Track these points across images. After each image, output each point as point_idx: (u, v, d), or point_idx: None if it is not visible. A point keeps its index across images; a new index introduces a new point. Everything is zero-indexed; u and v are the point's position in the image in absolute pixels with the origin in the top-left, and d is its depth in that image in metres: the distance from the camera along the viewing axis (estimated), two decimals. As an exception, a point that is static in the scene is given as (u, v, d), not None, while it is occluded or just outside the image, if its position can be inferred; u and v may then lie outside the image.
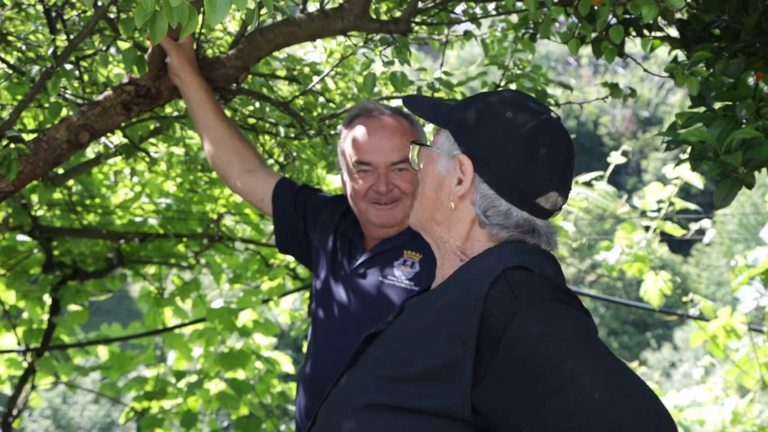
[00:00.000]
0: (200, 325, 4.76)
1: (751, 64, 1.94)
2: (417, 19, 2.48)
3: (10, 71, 2.40)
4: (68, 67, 2.50)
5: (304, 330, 4.87)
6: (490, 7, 2.49)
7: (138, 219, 4.13)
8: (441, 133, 1.54)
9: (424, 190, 1.54)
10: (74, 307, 4.59)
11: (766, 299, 4.41)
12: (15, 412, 4.54)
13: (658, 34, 2.22)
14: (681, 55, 2.20)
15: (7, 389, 4.91)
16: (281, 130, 2.83)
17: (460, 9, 2.57)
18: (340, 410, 1.43)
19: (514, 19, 2.63)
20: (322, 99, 2.86)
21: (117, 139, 2.84)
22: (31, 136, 2.31)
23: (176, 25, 1.31)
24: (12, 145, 2.11)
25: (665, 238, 5.04)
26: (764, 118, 1.81)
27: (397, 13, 2.62)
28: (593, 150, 31.06)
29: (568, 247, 5.32)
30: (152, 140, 3.27)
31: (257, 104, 2.88)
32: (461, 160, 1.47)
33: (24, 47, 2.71)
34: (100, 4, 2.00)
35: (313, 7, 2.38)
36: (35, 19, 2.78)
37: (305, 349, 2.50)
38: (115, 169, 4.05)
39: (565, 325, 1.33)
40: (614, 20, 2.12)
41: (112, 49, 2.80)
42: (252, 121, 3.00)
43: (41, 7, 2.53)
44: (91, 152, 3.48)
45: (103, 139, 2.78)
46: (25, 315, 4.61)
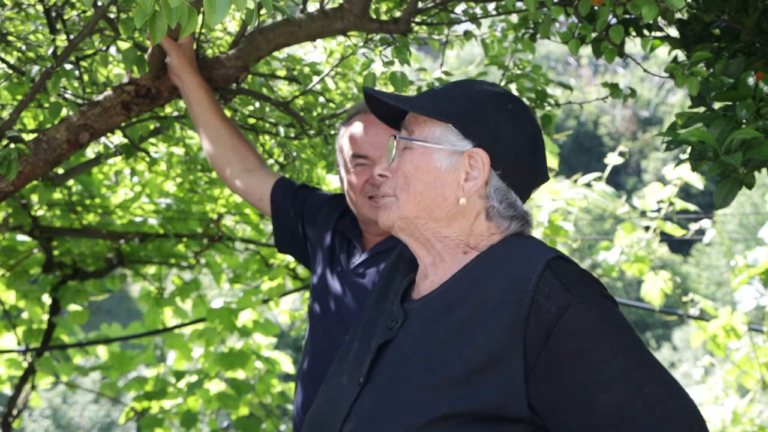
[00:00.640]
0: (200, 325, 4.76)
1: (751, 64, 1.94)
2: (417, 19, 2.48)
3: (10, 71, 2.40)
4: (68, 67, 2.50)
5: (304, 330, 4.87)
6: (490, 7, 2.49)
7: (138, 219, 4.13)
8: (431, 126, 1.48)
9: (416, 187, 1.47)
10: (74, 307, 4.59)
11: (766, 299, 4.41)
12: (15, 412, 4.54)
13: (658, 34, 2.22)
14: (681, 55, 2.20)
15: (7, 389, 4.91)
16: (281, 130, 2.83)
17: (460, 9, 2.57)
18: (391, 431, 1.36)
19: (514, 19, 2.63)
20: (322, 99, 2.86)
21: (117, 139, 2.84)
22: (31, 136, 2.31)
23: (176, 25, 1.31)
24: (12, 145, 2.11)
25: (665, 238, 5.04)
26: (764, 118, 1.81)
27: (397, 13, 2.62)
28: (593, 150, 31.05)
29: (568, 247, 5.31)
30: (152, 140, 3.27)
31: (257, 104, 2.88)
32: (475, 155, 1.44)
33: (24, 47, 2.71)
34: (100, 4, 2.00)
35: (313, 7, 2.38)
36: (35, 19, 2.78)
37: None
38: (115, 169, 4.05)
39: (615, 321, 1.35)
40: (614, 20, 2.13)
41: (112, 49, 2.80)
42: (252, 121, 3.00)
43: (41, 7, 2.53)
44: (91, 152, 3.48)
45: (103, 139, 2.78)
46: (25, 315, 4.61)
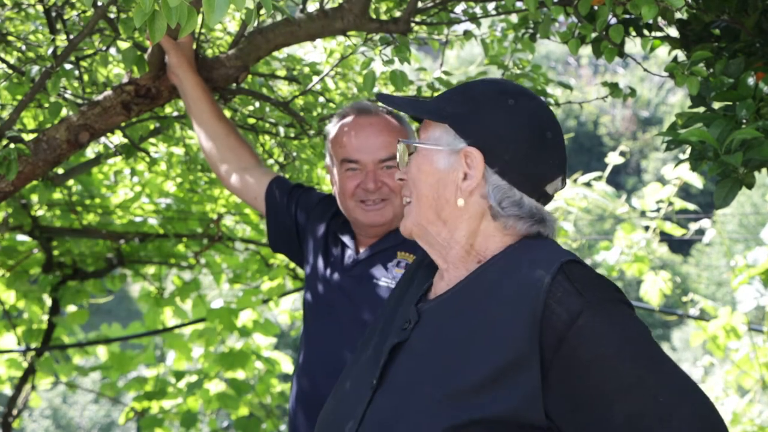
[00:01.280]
0: (200, 325, 4.76)
1: (751, 64, 1.94)
2: (417, 19, 2.48)
3: (10, 71, 2.40)
4: (68, 67, 2.50)
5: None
6: (490, 7, 2.49)
7: (138, 219, 4.13)
8: (432, 128, 1.47)
9: (421, 190, 1.46)
10: (74, 307, 4.59)
11: (766, 299, 4.41)
12: (15, 412, 4.54)
13: (658, 34, 2.22)
14: (681, 55, 2.20)
15: (7, 389, 4.91)
16: (281, 130, 2.83)
17: (460, 9, 2.57)
18: None
19: (514, 19, 2.63)
20: (322, 99, 2.86)
21: (117, 139, 2.84)
22: (31, 136, 2.31)
23: (175, 24, 1.31)
24: (12, 145, 2.11)
25: (665, 238, 5.04)
26: (764, 118, 1.80)
27: (397, 13, 2.62)
28: (593, 150, 31.05)
29: (568, 247, 5.31)
30: (152, 140, 3.26)
31: (257, 104, 2.88)
32: (468, 153, 1.41)
33: (24, 47, 2.71)
34: (100, 4, 2.00)
35: (312, 7, 2.38)
36: (35, 19, 2.78)
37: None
38: (115, 169, 4.05)
39: (629, 327, 1.32)
40: (614, 20, 2.12)
41: (112, 49, 2.79)
42: (252, 121, 3.00)
43: (41, 7, 2.53)
44: (91, 152, 3.48)
45: (103, 139, 2.78)
46: (25, 315, 4.61)
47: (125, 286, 5.29)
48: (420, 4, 2.39)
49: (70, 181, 3.77)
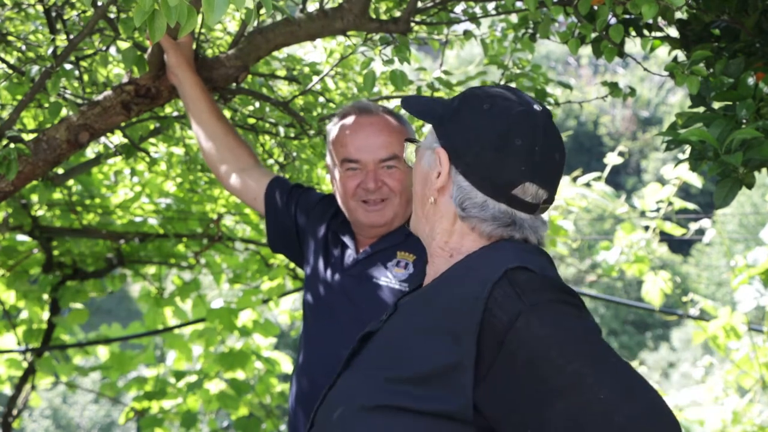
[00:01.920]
0: (200, 325, 4.76)
1: (751, 64, 1.94)
2: (417, 19, 2.48)
3: (10, 71, 2.40)
4: (68, 67, 2.50)
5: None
6: (490, 6, 2.49)
7: (138, 219, 4.13)
8: (430, 129, 1.54)
9: (414, 188, 1.55)
10: (74, 307, 4.59)
11: (766, 299, 4.41)
12: (15, 412, 4.55)
13: (658, 34, 2.22)
14: (681, 55, 2.20)
15: (7, 389, 4.92)
16: (281, 130, 2.83)
17: (459, 9, 2.57)
18: (340, 413, 1.42)
19: (514, 18, 2.63)
20: (321, 99, 2.86)
21: (117, 139, 2.84)
22: (31, 136, 2.31)
23: (175, 24, 1.31)
24: (12, 145, 2.11)
25: (665, 238, 5.04)
26: (764, 118, 1.81)
27: (397, 13, 2.62)
28: (593, 150, 31.05)
29: (568, 247, 5.32)
30: (152, 140, 3.26)
31: (257, 104, 2.87)
32: (438, 153, 1.47)
33: (24, 47, 2.71)
34: (99, 4, 2.00)
35: (312, 7, 2.38)
36: (35, 19, 2.78)
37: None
38: (115, 169, 4.05)
39: (569, 326, 1.32)
40: (614, 20, 2.12)
41: (112, 49, 2.79)
42: (252, 121, 3.00)
43: (41, 7, 2.52)
44: (91, 152, 3.48)
45: (103, 139, 2.78)
46: (25, 315, 4.61)
47: (125, 286, 5.30)
48: (420, 4, 2.39)
49: (70, 181, 3.77)
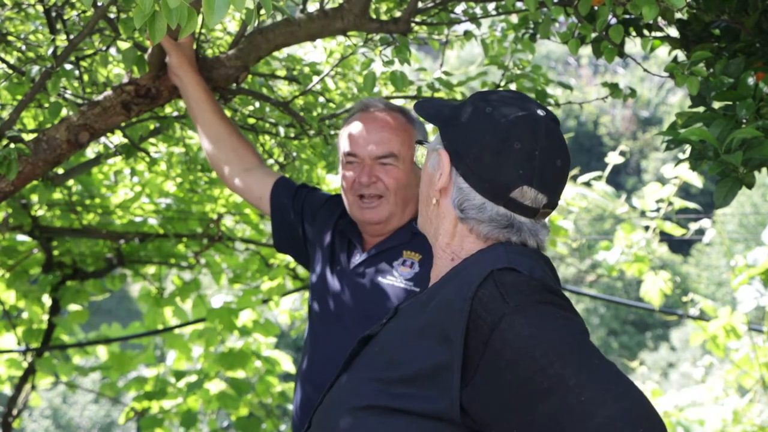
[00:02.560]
0: (200, 325, 4.76)
1: (751, 64, 1.94)
2: (417, 19, 2.48)
3: (10, 71, 2.40)
4: (68, 67, 2.50)
5: (304, 330, 4.86)
6: (490, 7, 2.49)
7: (138, 219, 4.13)
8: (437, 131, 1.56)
9: (421, 188, 1.57)
10: (74, 307, 4.59)
11: (766, 299, 4.40)
12: (15, 412, 4.54)
13: (658, 34, 2.22)
14: (681, 55, 2.20)
15: (7, 389, 4.91)
16: (281, 130, 2.83)
17: (460, 9, 2.57)
18: (335, 413, 1.44)
19: (514, 19, 2.63)
20: (322, 99, 2.86)
21: (117, 139, 2.84)
22: (31, 136, 2.31)
23: (175, 25, 1.31)
24: (12, 145, 2.11)
25: (665, 237, 5.04)
26: (764, 118, 1.81)
27: (397, 13, 2.62)
28: (593, 150, 31.06)
29: (568, 246, 5.32)
30: (152, 140, 3.26)
31: (257, 104, 2.87)
32: (440, 154, 1.49)
33: (24, 47, 2.70)
34: (100, 4, 2.00)
35: (312, 7, 2.38)
36: (35, 19, 2.78)
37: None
38: (115, 169, 4.05)
39: (552, 327, 1.32)
40: (614, 20, 2.12)
41: (112, 49, 2.79)
42: (252, 121, 3.00)
43: (41, 7, 2.52)
44: (91, 152, 3.48)
45: (103, 139, 2.78)
46: (25, 315, 4.61)
47: (125, 286, 5.30)
48: (420, 4, 2.39)
49: (70, 181, 3.77)
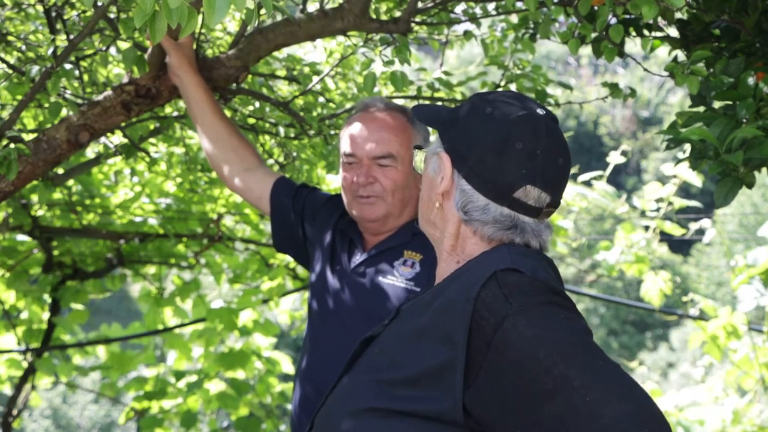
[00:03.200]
0: (200, 325, 4.76)
1: (751, 64, 1.94)
2: (417, 19, 2.48)
3: (10, 71, 2.40)
4: (68, 67, 2.50)
5: (303, 330, 4.86)
6: (490, 7, 2.49)
7: (138, 219, 4.13)
8: (436, 135, 1.56)
9: (422, 192, 1.56)
10: (74, 307, 4.59)
11: (766, 299, 4.40)
12: (15, 412, 4.54)
13: (658, 34, 2.22)
14: (681, 55, 2.20)
15: (7, 389, 4.91)
16: (281, 130, 2.83)
17: (460, 9, 2.57)
18: (337, 415, 1.43)
19: (514, 19, 2.63)
20: (322, 99, 2.86)
21: (117, 139, 2.84)
22: (31, 136, 2.31)
23: (176, 25, 1.31)
24: (12, 145, 2.11)
25: (665, 237, 5.04)
26: (764, 118, 1.81)
27: (397, 13, 2.62)
28: (593, 150, 31.06)
29: (568, 246, 5.32)
30: (152, 140, 3.26)
31: (257, 104, 2.87)
32: (441, 157, 1.48)
33: (24, 47, 2.70)
34: (100, 4, 2.00)
35: (312, 7, 2.38)
36: (35, 19, 2.78)
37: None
38: (115, 169, 4.04)
39: (556, 328, 1.32)
40: (614, 20, 2.13)
41: (112, 49, 2.79)
42: (252, 121, 3.00)
43: (41, 7, 2.52)
44: (91, 152, 3.48)
45: (103, 139, 2.78)
46: (25, 315, 4.61)
47: (125, 286, 5.29)
48: (420, 4, 2.39)
49: (70, 181, 3.77)
